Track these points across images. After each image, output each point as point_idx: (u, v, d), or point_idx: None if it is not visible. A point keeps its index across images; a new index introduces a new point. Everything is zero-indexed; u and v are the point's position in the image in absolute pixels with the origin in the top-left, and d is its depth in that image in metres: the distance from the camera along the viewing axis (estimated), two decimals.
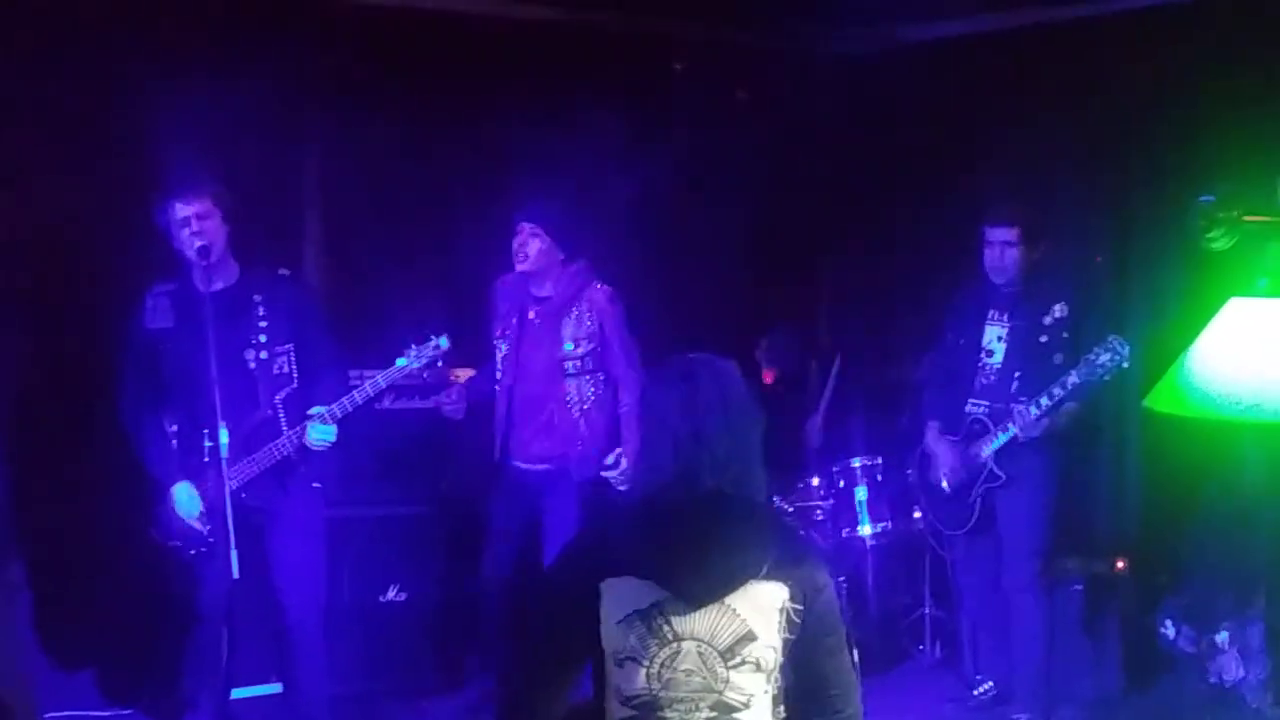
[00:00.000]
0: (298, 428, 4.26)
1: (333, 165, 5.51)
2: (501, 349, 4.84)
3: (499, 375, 4.84)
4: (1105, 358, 4.40)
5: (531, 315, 4.81)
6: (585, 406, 4.75)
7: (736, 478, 2.40)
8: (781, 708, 2.43)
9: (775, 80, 6.15)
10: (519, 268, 4.76)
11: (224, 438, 3.97)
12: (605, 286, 4.79)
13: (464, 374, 5.31)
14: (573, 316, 4.74)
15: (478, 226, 5.74)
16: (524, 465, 4.81)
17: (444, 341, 4.34)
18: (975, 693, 5.18)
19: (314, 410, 4.25)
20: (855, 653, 2.56)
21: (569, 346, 4.73)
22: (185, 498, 4.24)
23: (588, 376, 4.76)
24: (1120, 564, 5.24)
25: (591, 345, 4.74)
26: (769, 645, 2.35)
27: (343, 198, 5.54)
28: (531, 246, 4.71)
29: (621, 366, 4.75)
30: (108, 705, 4.98)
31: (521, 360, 4.78)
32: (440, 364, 4.39)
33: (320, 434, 4.25)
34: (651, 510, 2.42)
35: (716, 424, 2.39)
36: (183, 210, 4.18)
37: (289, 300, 4.38)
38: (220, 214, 4.23)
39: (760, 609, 2.34)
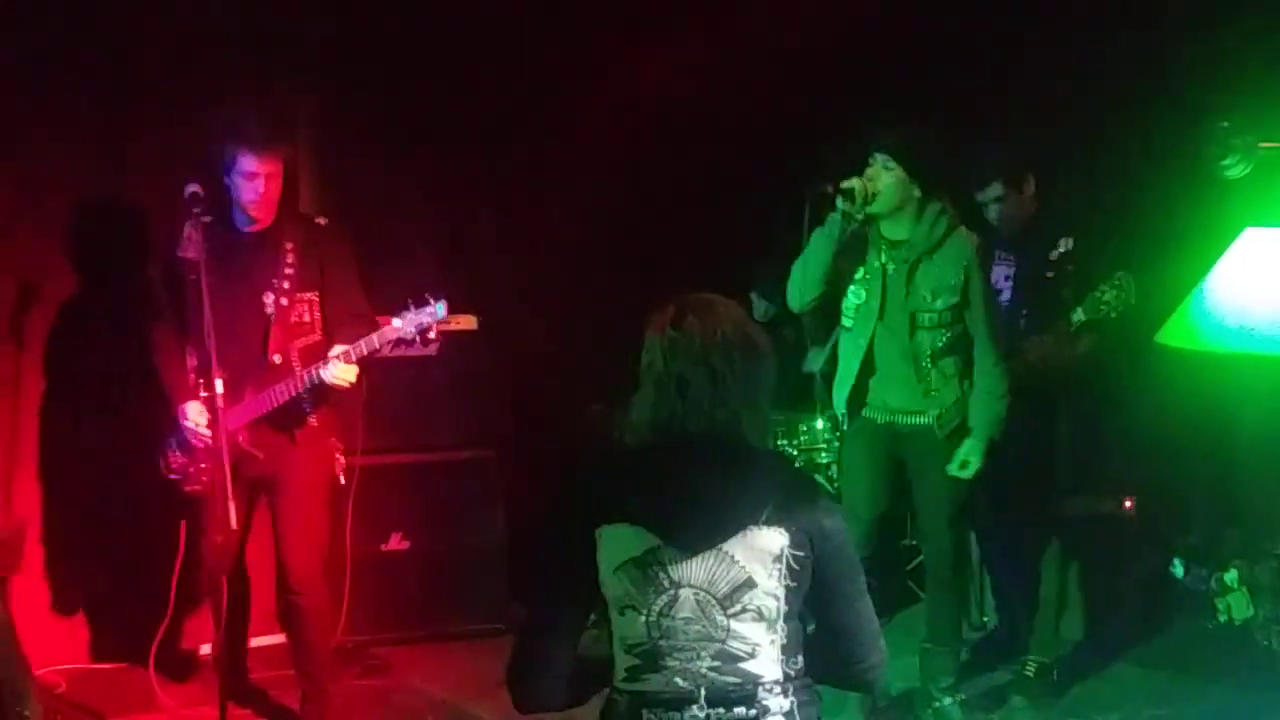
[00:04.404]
0: (311, 371, 4.17)
1: (328, 111, 5.43)
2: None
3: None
4: (1110, 295, 4.34)
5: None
6: None
7: (732, 420, 2.34)
8: (798, 657, 2.38)
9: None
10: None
11: (219, 387, 3.91)
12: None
13: (464, 321, 5.24)
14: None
15: (477, 177, 5.69)
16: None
17: (440, 309, 4.17)
18: (981, 634, 5.17)
19: (335, 350, 4.17)
20: None
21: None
22: (195, 411, 4.19)
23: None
24: (1129, 503, 5.20)
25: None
26: (769, 593, 2.31)
27: (338, 146, 5.46)
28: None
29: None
30: (111, 659, 4.99)
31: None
32: (433, 333, 4.21)
33: (341, 372, 4.16)
34: (644, 456, 2.38)
35: (709, 366, 2.32)
36: (254, 165, 4.13)
37: (322, 249, 4.32)
38: (282, 173, 4.21)
39: (759, 556, 2.30)
